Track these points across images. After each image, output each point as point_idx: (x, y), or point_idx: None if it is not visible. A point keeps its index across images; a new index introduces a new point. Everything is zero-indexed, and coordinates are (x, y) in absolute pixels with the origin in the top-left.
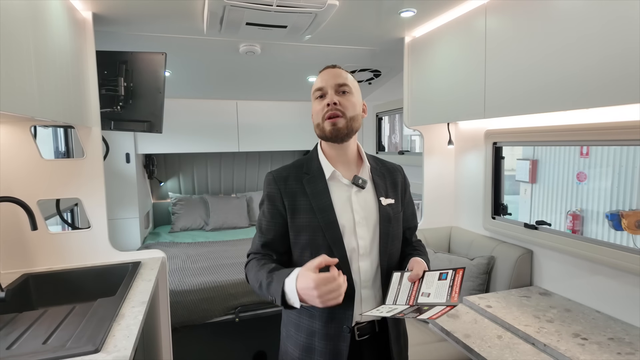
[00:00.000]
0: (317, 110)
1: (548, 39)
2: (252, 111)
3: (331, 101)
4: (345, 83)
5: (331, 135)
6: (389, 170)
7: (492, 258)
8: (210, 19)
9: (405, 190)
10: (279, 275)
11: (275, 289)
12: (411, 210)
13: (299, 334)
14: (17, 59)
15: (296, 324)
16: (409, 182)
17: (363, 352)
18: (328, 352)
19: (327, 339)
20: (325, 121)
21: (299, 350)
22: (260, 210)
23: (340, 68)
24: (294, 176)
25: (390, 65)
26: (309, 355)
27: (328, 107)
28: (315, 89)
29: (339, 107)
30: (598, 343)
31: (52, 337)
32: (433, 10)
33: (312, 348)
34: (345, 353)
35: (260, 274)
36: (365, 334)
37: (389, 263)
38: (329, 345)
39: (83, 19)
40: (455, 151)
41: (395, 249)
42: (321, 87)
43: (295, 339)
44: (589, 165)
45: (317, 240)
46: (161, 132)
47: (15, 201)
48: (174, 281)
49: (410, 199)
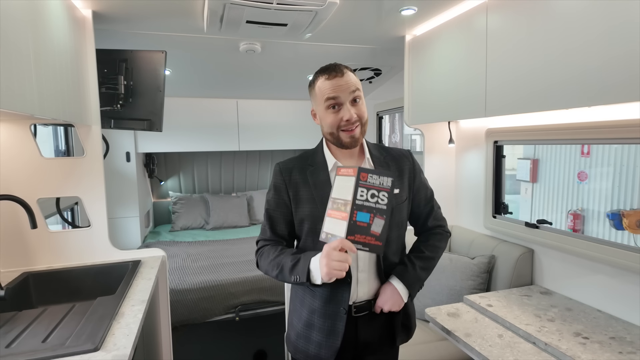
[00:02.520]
0: (332, 122)
1: (549, 37)
2: (252, 110)
3: (352, 117)
4: (356, 89)
5: (349, 146)
6: (395, 158)
7: (493, 257)
8: (210, 17)
9: (414, 176)
10: (306, 255)
11: (302, 268)
12: (424, 195)
13: (302, 309)
14: (17, 57)
15: (301, 300)
16: (419, 167)
17: (358, 327)
18: (326, 329)
19: (325, 317)
20: (342, 132)
21: (301, 324)
22: (267, 199)
23: (345, 70)
24: (299, 167)
25: (390, 64)
26: (309, 329)
27: (347, 122)
28: (326, 97)
29: (357, 120)
30: (599, 342)
31: (51, 336)
32: (434, 9)
33: (312, 324)
34: (341, 332)
35: (281, 258)
36: (363, 311)
37: (388, 250)
38: (326, 323)
39: (83, 17)
40: (456, 150)
41: (394, 237)
42: (335, 97)
43: (300, 313)
44: (590, 165)
45: (318, 229)
46: (161, 130)
47: (15, 199)
48: (174, 280)
49: (423, 184)
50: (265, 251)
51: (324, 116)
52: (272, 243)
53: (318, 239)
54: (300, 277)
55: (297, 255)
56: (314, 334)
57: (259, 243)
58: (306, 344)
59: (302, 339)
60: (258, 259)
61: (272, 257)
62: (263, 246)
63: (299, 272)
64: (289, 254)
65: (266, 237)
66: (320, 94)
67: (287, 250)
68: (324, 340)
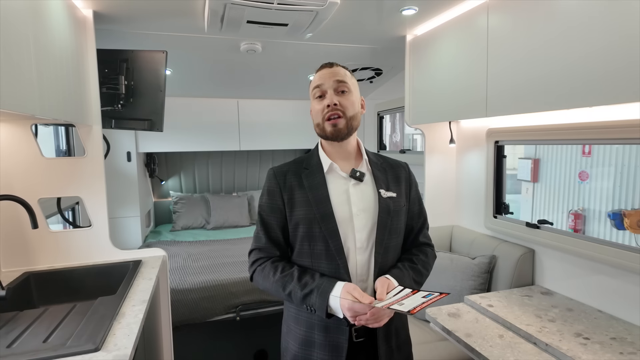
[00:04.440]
0: (317, 110)
1: (550, 37)
2: (253, 110)
3: (331, 102)
4: (343, 81)
5: (332, 136)
6: (392, 166)
7: (494, 257)
8: (211, 17)
9: (410, 186)
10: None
11: (319, 305)
12: (417, 209)
13: (298, 327)
14: (18, 57)
15: (295, 318)
16: (415, 180)
17: (360, 351)
18: (327, 345)
19: (326, 331)
20: (326, 122)
21: (298, 345)
22: (260, 204)
23: (337, 65)
24: (293, 171)
25: (391, 64)
26: (308, 348)
27: (328, 108)
28: (313, 87)
29: (339, 108)
30: (600, 343)
31: (52, 336)
32: (435, 8)
33: (311, 341)
34: (344, 346)
35: (286, 281)
36: (362, 336)
37: (384, 256)
38: (328, 337)
39: (84, 17)
40: (456, 150)
41: (393, 243)
42: (319, 85)
43: (295, 333)
44: (591, 165)
45: (314, 232)
46: (162, 130)
47: (16, 199)
48: (174, 280)
49: (418, 197)
50: (266, 267)
51: (312, 107)
52: (269, 257)
53: (314, 243)
54: (319, 312)
55: (308, 285)
56: (314, 354)
57: (252, 253)
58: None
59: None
60: (255, 274)
61: (274, 279)
62: (259, 259)
63: (316, 306)
64: (295, 278)
65: (261, 245)
66: (311, 87)
67: (289, 272)
68: (327, 358)
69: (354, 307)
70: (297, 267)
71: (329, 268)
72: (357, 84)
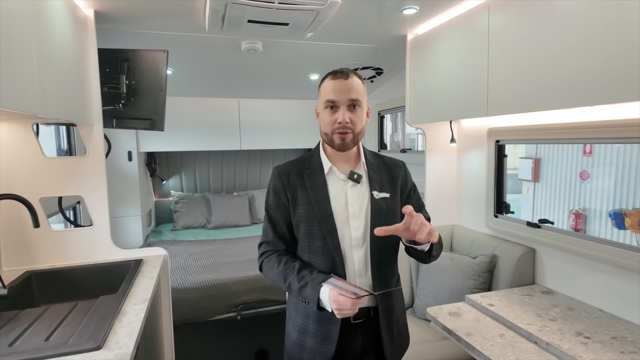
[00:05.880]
0: (327, 122)
1: (551, 36)
2: (254, 109)
3: (343, 120)
4: (357, 98)
5: (339, 148)
6: (388, 165)
7: (495, 256)
8: (211, 17)
9: (406, 184)
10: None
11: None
12: (416, 203)
13: (297, 315)
14: (19, 56)
15: (295, 306)
16: (411, 178)
17: (357, 334)
18: (320, 334)
19: (320, 322)
20: (335, 134)
21: (296, 331)
22: (267, 201)
23: (352, 75)
24: (297, 171)
25: (392, 63)
26: (304, 335)
27: (339, 124)
28: (326, 99)
29: (349, 125)
30: (601, 342)
31: (54, 334)
32: (435, 8)
33: (306, 329)
34: (335, 336)
35: (287, 273)
36: (360, 317)
37: (380, 254)
38: (321, 328)
39: (85, 16)
40: (457, 149)
41: (388, 242)
42: (333, 100)
43: (294, 320)
44: (592, 164)
45: (314, 230)
46: (163, 130)
47: (17, 199)
48: (175, 279)
49: (416, 194)
50: (272, 259)
51: (322, 115)
52: (275, 250)
53: (312, 241)
54: (311, 304)
55: (304, 278)
56: (308, 341)
57: (262, 246)
58: (300, 352)
59: (296, 347)
60: (263, 264)
61: (277, 270)
62: (267, 251)
63: (309, 299)
64: (295, 271)
65: (269, 239)
66: (322, 93)
67: (291, 265)
68: (317, 346)
69: (339, 299)
70: (298, 262)
71: (325, 264)
72: (366, 91)
